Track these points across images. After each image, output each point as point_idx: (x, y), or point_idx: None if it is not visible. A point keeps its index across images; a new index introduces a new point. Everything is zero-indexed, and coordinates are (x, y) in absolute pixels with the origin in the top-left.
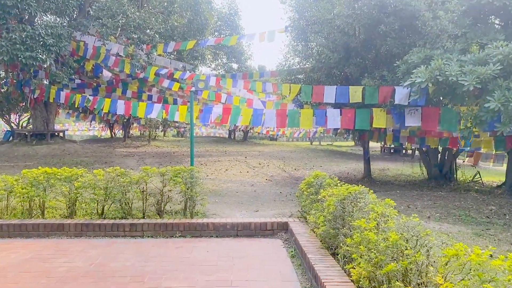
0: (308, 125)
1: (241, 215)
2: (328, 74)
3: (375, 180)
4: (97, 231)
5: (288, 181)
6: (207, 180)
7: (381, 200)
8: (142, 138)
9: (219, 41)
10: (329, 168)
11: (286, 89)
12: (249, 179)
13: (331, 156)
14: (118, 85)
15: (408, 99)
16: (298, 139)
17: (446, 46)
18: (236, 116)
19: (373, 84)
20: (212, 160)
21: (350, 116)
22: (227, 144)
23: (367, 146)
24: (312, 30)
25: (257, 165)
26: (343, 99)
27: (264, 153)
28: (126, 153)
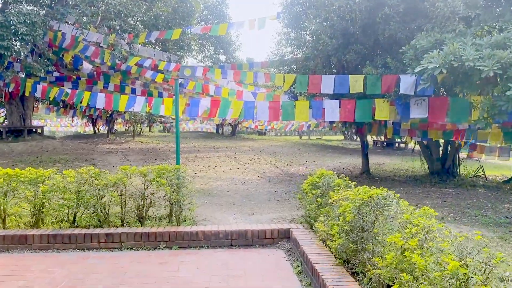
0: (304, 118)
1: (235, 219)
2: (326, 62)
3: (374, 176)
4: (66, 243)
5: (281, 178)
6: (195, 178)
7: (416, 209)
8: (127, 134)
9: (207, 30)
10: (323, 164)
11: (280, 79)
12: (240, 176)
13: (323, 150)
14: (99, 77)
15: (414, 88)
16: (287, 134)
17: (458, 29)
18: (225, 109)
19: (375, 72)
20: (200, 156)
21: (350, 107)
22: (215, 139)
23: (365, 140)
24: (308, 14)
25: (248, 161)
26: (343, 89)
27: (254, 148)
28: (108, 149)
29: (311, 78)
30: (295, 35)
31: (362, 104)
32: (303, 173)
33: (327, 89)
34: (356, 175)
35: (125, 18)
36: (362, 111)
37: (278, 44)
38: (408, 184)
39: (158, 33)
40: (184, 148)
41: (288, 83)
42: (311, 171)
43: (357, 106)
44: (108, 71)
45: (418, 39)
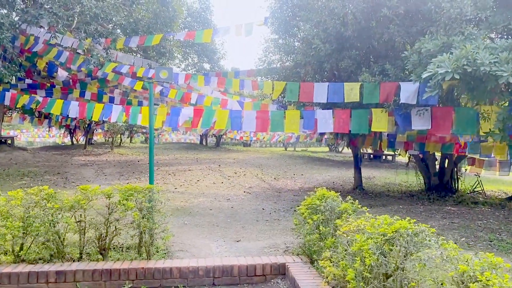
0: (294, 129)
1: (218, 248)
2: (318, 69)
3: (367, 191)
4: (6, 284)
5: (269, 193)
6: (175, 194)
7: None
8: (106, 145)
9: (191, 37)
10: (311, 177)
11: (268, 87)
12: (224, 191)
13: (310, 163)
14: (75, 85)
15: (416, 97)
16: (272, 145)
17: (467, 31)
18: (209, 119)
19: (372, 80)
20: (181, 169)
21: (345, 118)
22: (199, 150)
23: (359, 152)
24: (299, 18)
25: (233, 175)
26: (337, 98)
27: (239, 161)
28: (84, 162)
29: (302, 86)
30: (283, 42)
31: (358, 115)
32: (292, 187)
33: (320, 97)
34: (348, 190)
35: (102, 22)
36: (358, 122)
37: (265, 51)
38: (405, 201)
39: (138, 38)
40: (165, 161)
41: (278, 91)
42: (300, 185)
43: (353, 117)
44: (84, 79)
45: (423, 42)
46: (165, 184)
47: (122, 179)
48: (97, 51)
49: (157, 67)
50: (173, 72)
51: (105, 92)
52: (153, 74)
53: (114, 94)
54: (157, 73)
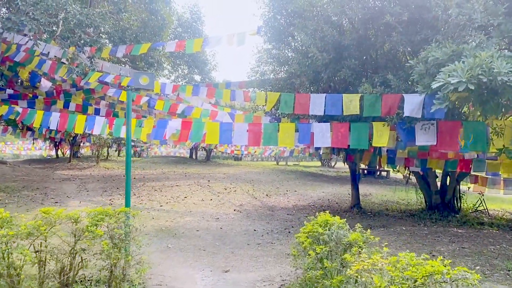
0: (288, 143)
1: (203, 280)
2: (314, 79)
3: (365, 210)
4: None
5: (261, 212)
6: (160, 213)
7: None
8: (93, 159)
9: (181, 48)
10: (305, 193)
11: (261, 98)
12: (213, 209)
13: (303, 178)
14: (59, 96)
15: (421, 110)
16: (263, 159)
17: (479, 39)
18: (198, 132)
19: (374, 91)
20: (168, 185)
21: (344, 132)
22: (188, 164)
23: (357, 169)
24: (295, 26)
25: (222, 191)
26: (335, 110)
27: (230, 176)
28: (67, 176)
29: (297, 97)
30: (277, 52)
31: (357, 128)
32: (285, 205)
33: (316, 110)
34: (345, 209)
35: (87, 29)
36: (358, 136)
37: (258, 61)
38: (406, 221)
39: (125, 47)
40: (151, 175)
41: (271, 102)
42: (294, 203)
43: (352, 131)
44: (69, 90)
45: (430, 50)
46: (150, 201)
47: (105, 196)
48: (81, 60)
49: (136, 72)
50: (161, 82)
51: (90, 104)
52: None
53: (100, 105)
54: (136, 79)
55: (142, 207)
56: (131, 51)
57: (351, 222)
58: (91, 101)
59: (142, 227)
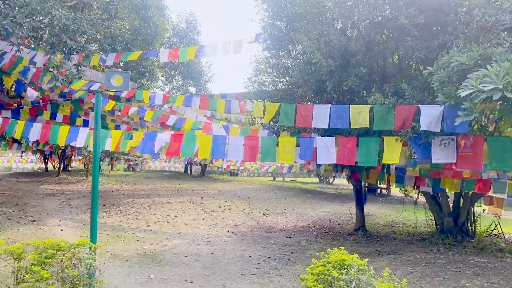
0: (288, 158)
1: None
2: (317, 89)
3: (371, 233)
4: None
5: (257, 234)
6: (146, 234)
7: None
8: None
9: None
10: (304, 213)
11: (259, 109)
12: (204, 230)
13: (301, 195)
14: (45, 107)
15: (440, 123)
16: (259, 175)
17: (509, 42)
18: (189, 146)
19: (386, 102)
20: (159, 202)
21: (350, 147)
22: (182, 180)
23: (363, 188)
24: (296, 30)
25: (216, 209)
26: (341, 123)
27: (225, 192)
28: (51, 191)
29: (299, 108)
30: (276, 61)
31: (366, 143)
32: (284, 226)
33: (320, 122)
34: (349, 232)
35: (74, 35)
36: (366, 152)
37: (256, 70)
38: (417, 247)
39: (115, 55)
40: (142, 191)
41: (270, 114)
42: (293, 223)
43: (360, 146)
44: (56, 100)
45: (452, 55)
46: (137, 220)
47: (89, 213)
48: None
49: (108, 71)
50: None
51: (79, 115)
52: (128, 92)
53: (90, 117)
54: (108, 79)
55: (127, 227)
56: (121, 58)
57: (356, 247)
58: (80, 112)
59: (123, 252)
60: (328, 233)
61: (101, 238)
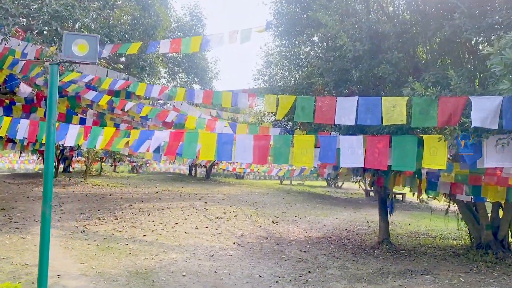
0: (306, 161)
1: None
2: (341, 79)
3: (398, 246)
4: None
5: (267, 246)
6: (141, 245)
7: None
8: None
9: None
10: (317, 221)
11: (271, 102)
12: (207, 242)
13: (311, 200)
14: (40, 103)
15: (498, 118)
16: (266, 178)
17: None
18: (190, 145)
19: (428, 93)
20: (159, 207)
21: (382, 148)
22: (186, 182)
23: (388, 194)
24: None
25: (221, 215)
26: (371, 119)
27: (230, 196)
28: None
29: (319, 102)
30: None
31: (402, 143)
32: (296, 236)
33: (345, 117)
34: (372, 245)
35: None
36: (402, 154)
37: (266, 61)
38: (453, 264)
39: (112, 46)
40: (142, 195)
41: (284, 108)
42: (306, 233)
43: (394, 147)
44: None
45: None
46: (133, 228)
47: (81, 219)
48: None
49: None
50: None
51: (75, 113)
52: (122, 84)
53: (87, 115)
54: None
55: (121, 237)
56: (118, 50)
57: (383, 264)
58: (77, 110)
59: (111, 269)
60: (348, 246)
61: (90, 250)
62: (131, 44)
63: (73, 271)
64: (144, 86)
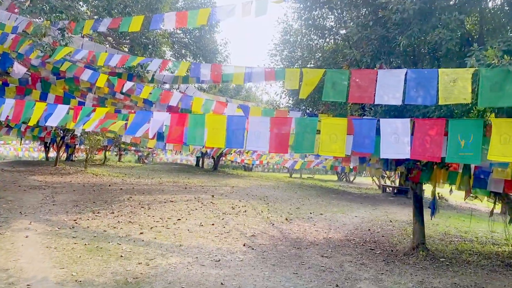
0: (336, 150)
1: None
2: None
3: (435, 253)
4: None
5: (282, 249)
6: (136, 246)
7: None
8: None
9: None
10: (335, 218)
11: (293, 77)
12: (213, 243)
13: (324, 195)
14: (35, 85)
15: None
16: (275, 170)
17: None
18: (195, 130)
19: (502, 62)
20: (161, 200)
21: (435, 134)
22: (192, 174)
23: (433, 192)
24: None
25: (229, 211)
26: (424, 97)
27: (239, 190)
28: (39, 183)
29: (355, 76)
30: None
31: (463, 128)
32: (315, 237)
33: (388, 96)
34: (405, 251)
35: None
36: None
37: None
38: (507, 278)
39: (111, 20)
40: (144, 186)
41: (309, 84)
42: (325, 234)
43: (451, 133)
44: (48, 77)
45: None
46: (130, 223)
47: (72, 212)
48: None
49: None
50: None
51: (73, 96)
52: (120, 61)
53: (87, 99)
54: None
55: (114, 235)
56: (119, 25)
57: (424, 276)
58: (76, 93)
59: (96, 276)
60: (376, 251)
61: (75, 251)
62: (132, 18)
63: (49, 278)
64: (141, 58)
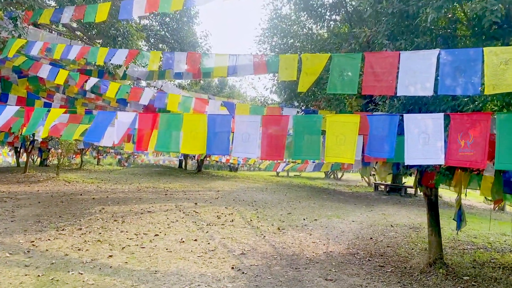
0: (345, 154)
1: None
2: (397, 31)
3: (455, 269)
4: None
5: (277, 271)
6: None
7: None
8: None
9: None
10: (331, 225)
11: (290, 66)
12: (195, 265)
13: (316, 196)
14: None
15: None
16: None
17: None
18: (169, 133)
19: None
20: (138, 211)
21: (479, 134)
22: (174, 177)
23: (459, 198)
24: None
25: (214, 221)
26: (464, 85)
27: (225, 194)
28: (1, 194)
29: (370, 59)
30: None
31: None
32: (313, 253)
33: (415, 86)
34: (420, 267)
35: None
36: None
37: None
38: None
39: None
40: (120, 194)
41: (311, 73)
42: (324, 246)
43: (500, 132)
44: (8, 76)
45: None
46: (98, 242)
47: (32, 231)
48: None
49: None
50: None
51: (38, 97)
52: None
53: (54, 99)
54: None
55: (77, 260)
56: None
57: None
58: (41, 93)
59: None
60: (386, 269)
61: (24, 285)
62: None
63: None
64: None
